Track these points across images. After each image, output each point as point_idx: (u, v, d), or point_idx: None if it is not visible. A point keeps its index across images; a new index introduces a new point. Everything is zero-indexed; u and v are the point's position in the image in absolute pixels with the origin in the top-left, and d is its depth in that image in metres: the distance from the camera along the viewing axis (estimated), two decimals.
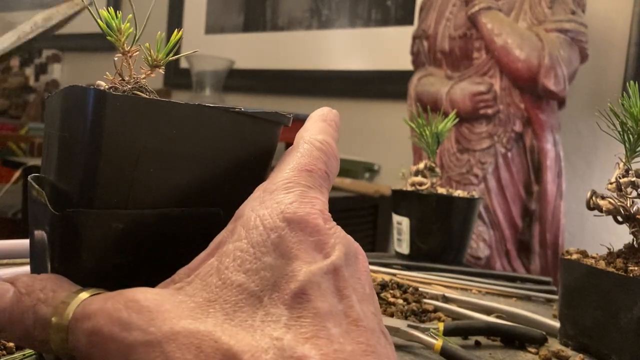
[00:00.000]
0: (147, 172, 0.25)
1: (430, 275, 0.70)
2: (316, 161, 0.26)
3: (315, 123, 0.29)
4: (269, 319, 0.21)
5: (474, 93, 1.31)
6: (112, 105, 0.24)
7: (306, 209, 0.23)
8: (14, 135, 2.16)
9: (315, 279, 0.22)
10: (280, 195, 0.24)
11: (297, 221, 0.23)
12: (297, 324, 0.21)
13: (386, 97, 1.79)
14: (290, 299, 0.21)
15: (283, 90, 2.05)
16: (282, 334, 0.20)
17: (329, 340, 0.20)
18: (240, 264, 0.22)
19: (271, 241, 0.22)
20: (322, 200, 0.25)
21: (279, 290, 0.22)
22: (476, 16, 1.32)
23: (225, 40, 2.23)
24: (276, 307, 0.21)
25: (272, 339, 0.20)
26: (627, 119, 0.48)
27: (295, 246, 0.22)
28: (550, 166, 1.29)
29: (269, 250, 0.22)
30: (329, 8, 1.98)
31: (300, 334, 0.20)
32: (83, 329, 0.22)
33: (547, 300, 0.67)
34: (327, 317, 0.21)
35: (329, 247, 0.23)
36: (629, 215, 0.48)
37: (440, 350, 0.43)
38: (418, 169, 0.81)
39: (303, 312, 0.21)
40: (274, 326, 0.21)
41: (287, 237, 0.23)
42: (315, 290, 0.22)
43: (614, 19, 1.44)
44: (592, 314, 0.48)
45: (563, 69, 1.25)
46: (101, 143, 0.24)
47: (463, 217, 0.78)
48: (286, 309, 0.21)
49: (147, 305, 0.21)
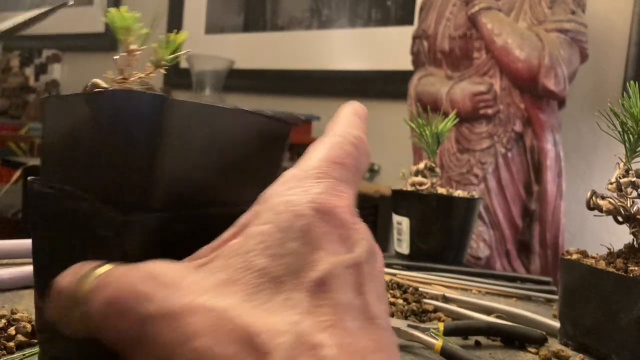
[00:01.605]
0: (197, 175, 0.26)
1: (430, 275, 0.70)
2: (348, 155, 0.26)
3: (348, 117, 0.28)
4: (288, 303, 0.21)
5: (474, 93, 1.31)
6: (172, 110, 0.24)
7: (335, 202, 0.23)
8: (14, 135, 2.16)
9: (337, 271, 0.22)
10: (309, 184, 0.24)
11: (326, 212, 0.23)
12: (317, 311, 0.21)
13: (386, 97, 1.79)
14: (312, 287, 0.21)
15: (283, 90, 2.04)
16: (301, 319, 0.20)
17: (345, 332, 0.20)
18: (265, 248, 0.22)
19: (298, 228, 0.22)
20: (350, 195, 0.25)
21: (301, 276, 0.22)
22: (476, 16, 1.32)
23: (225, 40, 2.23)
24: (297, 292, 0.21)
25: (290, 323, 0.20)
26: (627, 119, 0.48)
27: (322, 236, 0.22)
28: (550, 166, 1.29)
29: (296, 237, 0.22)
30: (329, 8, 1.98)
31: (319, 322, 0.20)
32: (99, 298, 0.21)
33: (547, 300, 0.67)
34: (346, 310, 0.21)
35: (353, 242, 0.23)
36: (629, 215, 0.48)
37: (440, 350, 0.43)
38: (418, 169, 0.81)
39: (323, 301, 0.21)
40: (293, 311, 0.21)
41: (314, 226, 0.22)
42: (336, 281, 0.22)
43: (614, 19, 1.44)
44: (592, 314, 0.48)
45: (563, 69, 1.25)
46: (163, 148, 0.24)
47: (463, 217, 0.78)
48: (307, 295, 0.21)
49: (167, 279, 0.21)
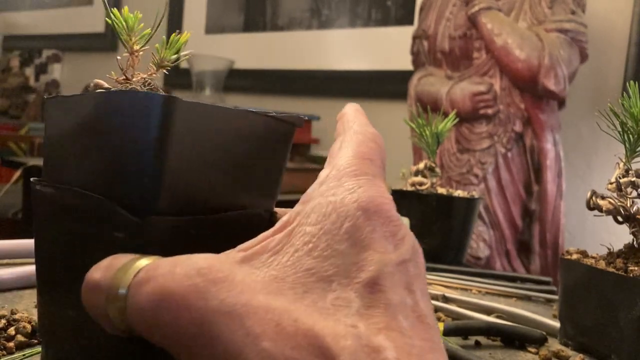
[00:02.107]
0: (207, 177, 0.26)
1: (430, 275, 0.70)
2: (373, 152, 0.26)
3: (357, 115, 0.28)
4: (339, 303, 0.21)
5: (474, 93, 1.31)
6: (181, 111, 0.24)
7: (379, 199, 0.23)
8: (14, 135, 2.16)
9: (388, 270, 0.21)
10: (349, 182, 0.24)
11: (373, 210, 0.23)
12: (369, 313, 0.20)
13: (386, 97, 1.79)
14: (362, 287, 0.21)
15: (283, 90, 2.04)
16: (356, 321, 0.20)
17: (400, 333, 0.20)
18: (311, 249, 0.22)
19: (345, 229, 0.22)
20: (385, 189, 0.25)
21: (350, 277, 0.21)
22: (476, 16, 1.32)
23: (225, 40, 2.23)
24: (347, 292, 0.21)
25: (348, 325, 0.20)
26: (627, 119, 0.48)
27: (369, 235, 0.22)
28: (550, 166, 1.29)
29: (342, 239, 0.22)
30: (329, 8, 1.98)
31: (373, 324, 0.20)
32: (147, 292, 0.21)
33: (547, 300, 0.67)
34: (398, 310, 0.21)
35: (399, 238, 0.23)
36: (629, 215, 0.48)
37: None
38: (418, 169, 0.81)
39: (375, 302, 0.21)
40: (346, 312, 0.20)
41: (361, 226, 0.22)
42: (388, 281, 0.21)
43: (614, 19, 1.44)
44: (592, 314, 0.48)
45: (563, 69, 1.25)
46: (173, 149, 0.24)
47: (463, 217, 0.78)
48: (357, 296, 0.21)
49: (221, 275, 0.21)
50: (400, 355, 0.19)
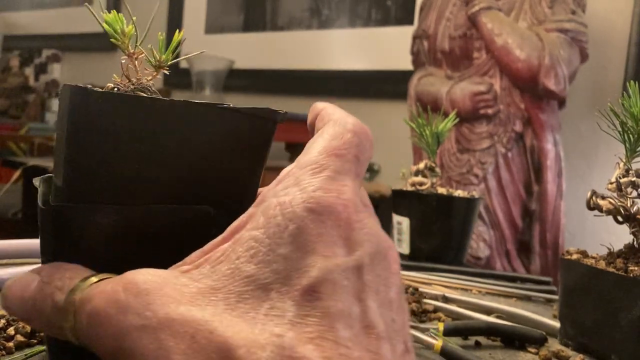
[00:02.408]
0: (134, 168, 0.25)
1: (430, 275, 0.70)
2: (347, 144, 0.24)
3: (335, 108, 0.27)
4: (273, 313, 0.20)
5: (474, 93, 1.31)
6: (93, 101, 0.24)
7: (332, 198, 0.22)
8: (14, 135, 2.16)
9: (331, 276, 0.20)
10: (305, 181, 0.22)
11: (321, 211, 0.21)
12: (303, 322, 0.19)
13: (386, 97, 1.79)
14: (299, 295, 0.20)
15: (283, 90, 2.04)
16: (285, 330, 0.19)
17: (335, 343, 0.19)
18: (253, 255, 0.21)
19: (289, 232, 0.21)
20: (352, 188, 0.23)
21: (289, 284, 0.20)
22: (476, 16, 1.32)
23: (225, 40, 2.23)
24: (283, 301, 0.20)
25: (273, 334, 0.19)
26: (627, 118, 0.48)
27: (314, 239, 0.21)
28: (551, 166, 1.29)
29: (285, 243, 0.21)
30: (329, 8, 1.98)
31: (304, 333, 0.19)
32: (85, 311, 0.21)
33: (547, 300, 0.67)
34: (338, 318, 0.19)
35: (354, 241, 0.21)
36: (629, 215, 0.48)
37: (440, 351, 0.43)
38: (418, 169, 0.81)
39: (311, 311, 0.19)
40: (277, 321, 0.19)
41: (306, 229, 0.21)
42: (329, 288, 0.20)
43: (614, 19, 1.44)
44: (592, 314, 0.48)
45: (563, 69, 1.25)
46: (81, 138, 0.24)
47: (463, 217, 0.78)
48: (293, 304, 0.20)
49: (145, 288, 0.20)
50: None
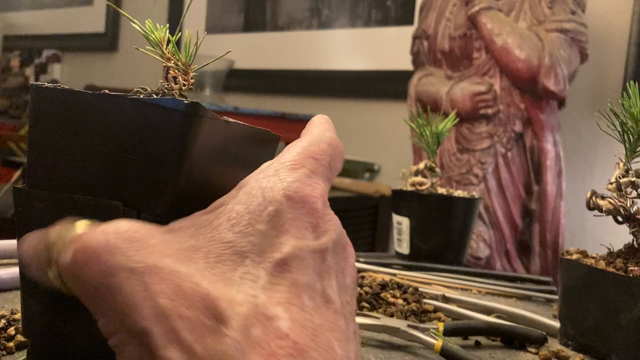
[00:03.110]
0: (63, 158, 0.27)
1: (430, 275, 0.70)
2: (323, 152, 0.27)
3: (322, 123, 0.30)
4: (247, 277, 0.22)
5: (474, 93, 1.31)
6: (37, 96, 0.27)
7: (307, 191, 0.25)
8: (14, 135, 2.16)
9: (301, 254, 0.23)
10: (284, 173, 0.25)
11: (297, 200, 0.24)
12: (273, 289, 0.22)
13: (386, 97, 1.79)
14: (272, 267, 0.22)
15: (283, 90, 2.04)
16: (258, 293, 0.21)
17: (300, 309, 0.22)
18: (234, 225, 0.23)
19: (267, 212, 0.24)
20: (323, 187, 0.26)
21: (263, 256, 0.23)
22: (476, 16, 1.32)
23: (225, 40, 2.23)
24: (256, 269, 0.22)
25: (248, 295, 0.21)
26: (627, 119, 0.48)
27: (289, 222, 0.24)
28: (550, 166, 1.29)
29: (264, 220, 0.23)
30: (329, 8, 1.98)
31: (275, 298, 0.21)
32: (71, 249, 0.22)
33: (547, 300, 0.67)
34: (304, 290, 0.22)
35: (321, 230, 0.24)
36: (629, 215, 0.48)
37: (440, 350, 0.43)
38: (418, 169, 0.81)
39: (281, 280, 0.22)
40: (251, 285, 0.22)
41: (283, 212, 0.24)
42: (298, 263, 0.23)
43: (614, 19, 1.44)
44: (592, 314, 0.48)
45: (563, 69, 1.25)
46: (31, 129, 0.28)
47: (463, 217, 0.78)
48: (266, 273, 0.22)
49: (135, 236, 0.22)
50: (294, 326, 0.21)
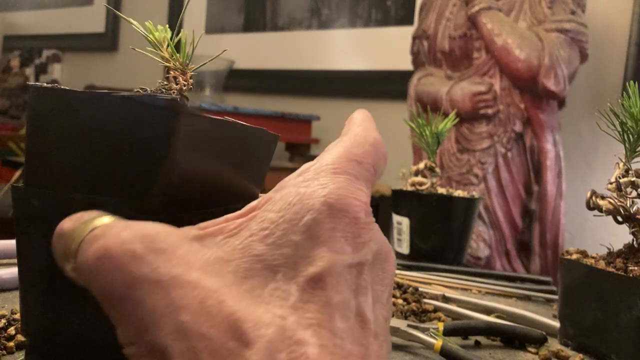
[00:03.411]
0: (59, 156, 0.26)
1: (430, 275, 0.70)
2: (366, 154, 0.26)
3: (364, 120, 0.28)
4: (277, 294, 0.21)
5: (474, 93, 1.31)
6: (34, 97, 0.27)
7: (350, 199, 0.23)
8: (14, 135, 2.16)
9: (336, 269, 0.21)
10: (326, 179, 0.23)
11: (339, 208, 0.22)
12: (305, 308, 0.20)
13: (386, 97, 1.78)
14: (305, 282, 0.21)
15: (283, 90, 2.04)
16: (287, 313, 0.20)
17: (331, 333, 0.20)
18: (267, 236, 0.22)
19: (305, 221, 0.22)
20: (366, 193, 0.24)
21: (297, 270, 0.21)
22: (476, 16, 1.32)
23: (225, 40, 2.23)
24: (288, 285, 0.21)
25: (276, 315, 0.20)
26: (627, 119, 0.48)
27: (327, 232, 0.22)
28: (550, 166, 1.29)
29: (299, 230, 0.22)
30: (329, 8, 1.98)
31: (304, 318, 0.20)
32: (93, 249, 0.21)
33: (547, 300, 0.67)
34: (336, 309, 0.21)
35: (361, 242, 0.23)
36: (628, 215, 0.48)
37: (440, 350, 0.43)
38: (418, 169, 0.81)
39: (314, 298, 0.21)
40: (281, 303, 0.20)
41: (322, 221, 0.22)
42: (334, 279, 0.21)
43: (614, 19, 1.44)
44: (592, 314, 0.48)
45: (563, 69, 1.25)
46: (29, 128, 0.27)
47: (463, 217, 0.78)
48: (298, 290, 0.21)
49: (162, 247, 0.21)
50: (322, 353, 0.19)
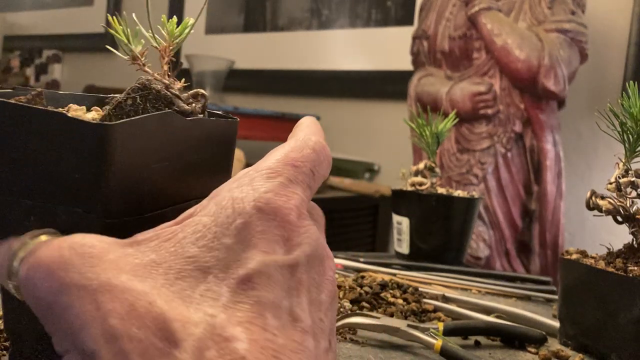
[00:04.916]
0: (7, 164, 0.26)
1: (430, 275, 0.70)
2: (305, 158, 0.26)
3: (309, 126, 0.29)
4: (208, 295, 0.21)
5: (474, 93, 1.31)
6: None
7: (280, 202, 0.23)
8: None
9: (267, 270, 0.22)
10: (258, 183, 0.24)
11: (268, 211, 0.23)
12: (235, 308, 0.21)
13: (386, 97, 1.79)
14: (235, 284, 0.21)
15: (283, 90, 2.04)
16: (217, 312, 0.20)
17: (262, 329, 0.20)
18: (198, 238, 0.22)
19: (235, 225, 0.22)
20: (301, 197, 0.24)
21: (227, 272, 0.21)
22: (476, 16, 1.32)
23: (225, 40, 2.23)
24: (219, 286, 0.21)
25: (206, 314, 0.20)
26: (626, 119, 0.48)
27: (257, 235, 0.22)
28: (550, 166, 1.29)
29: (230, 234, 0.22)
30: (329, 8, 1.98)
31: (235, 317, 0.20)
32: (26, 263, 0.21)
33: (547, 300, 0.67)
34: (268, 308, 0.21)
35: (294, 243, 0.23)
36: (628, 215, 0.48)
37: (440, 350, 0.43)
38: (418, 169, 0.81)
39: (244, 298, 0.21)
40: (212, 303, 0.21)
41: (252, 225, 0.22)
42: (264, 280, 0.21)
43: (614, 19, 1.44)
44: (592, 314, 0.48)
45: (563, 69, 1.25)
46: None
47: (463, 217, 0.78)
48: (228, 291, 0.21)
49: (90, 251, 0.21)
50: (252, 348, 0.20)
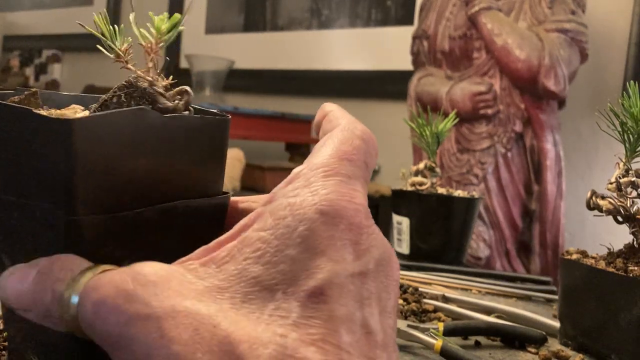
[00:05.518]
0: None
1: (430, 275, 0.70)
2: (357, 150, 0.24)
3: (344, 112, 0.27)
4: (277, 313, 0.20)
5: (474, 93, 1.31)
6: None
7: (344, 202, 0.22)
8: None
9: (339, 280, 0.20)
10: (317, 184, 0.22)
11: (333, 215, 0.21)
12: (307, 324, 0.19)
13: (386, 97, 1.79)
14: (306, 297, 0.20)
15: (283, 90, 2.05)
16: (288, 331, 0.19)
17: (337, 347, 0.19)
18: (260, 256, 0.21)
19: (298, 233, 0.21)
20: (362, 195, 0.23)
21: (296, 285, 0.20)
22: (476, 16, 1.32)
23: (225, 40, 2.23)
24: (288, 302, 0.20)
25: (276, 334, 0.19)
26: (627, 119, 0.48)
27: (325, 241, 0.21)
28: (550, 166, 1.29)
29: (294, 243, 0.21)
30: (329, 8, 1.98)
31: (307, 335, 0.19)
32: (90, 300, 0.21)
33: (547, 300, 0.67)
34: (342, 323, 0.20)
35: (363, 248, 0.21)
36: (629, 215, 0.48)
37: (440, 350, 0.43)
38: (418, 169, 0.81)
39: (316, 313, 0.20)
40: (282, 322, 0.19)
41: (317, 231, 0.21)
42: (336, 291, 0.20)
43: (614, 19, 1.44)
44: (592, 314, 0.48)
45: (563, 69, 1.25)
46: None
47: (463, 217, 0.78)
48: (299, 306, 0.20)
49: (153, 280, 0.20)
50: None
